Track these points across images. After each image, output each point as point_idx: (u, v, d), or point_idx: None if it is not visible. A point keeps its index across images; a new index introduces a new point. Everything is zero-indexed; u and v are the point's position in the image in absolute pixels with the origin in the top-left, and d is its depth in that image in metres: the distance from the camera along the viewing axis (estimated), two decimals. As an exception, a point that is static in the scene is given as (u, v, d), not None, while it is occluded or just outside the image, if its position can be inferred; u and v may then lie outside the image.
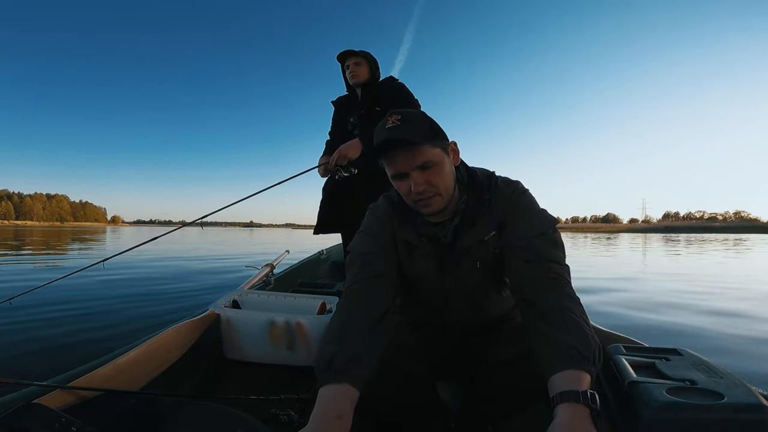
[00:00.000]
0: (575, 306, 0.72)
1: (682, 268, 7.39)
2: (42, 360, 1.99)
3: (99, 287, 4.04)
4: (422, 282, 0.93)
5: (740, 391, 0.61)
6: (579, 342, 0.65)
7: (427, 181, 0.79)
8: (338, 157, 1.81)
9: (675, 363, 0.73)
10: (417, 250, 0.90)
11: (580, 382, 0.60)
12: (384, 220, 0.92)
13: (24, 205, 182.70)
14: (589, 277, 5.64)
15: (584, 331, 0.67)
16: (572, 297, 0.74)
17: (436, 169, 0.80)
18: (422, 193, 0.79)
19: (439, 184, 0.80)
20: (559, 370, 0.63)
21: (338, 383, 0.65)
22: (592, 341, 0.66)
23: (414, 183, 0.79)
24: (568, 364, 0.63)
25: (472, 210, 0.86)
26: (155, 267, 6.23)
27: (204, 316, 1.37)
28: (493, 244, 0.87)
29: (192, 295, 3.91)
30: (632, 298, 3.87)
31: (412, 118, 0.80)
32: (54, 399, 0.76)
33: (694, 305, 3.51)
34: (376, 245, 0.89)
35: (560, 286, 0.76)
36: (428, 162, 0.78)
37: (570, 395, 0.59)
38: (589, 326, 0.70)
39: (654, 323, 2.89)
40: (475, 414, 0.93)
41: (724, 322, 2.87)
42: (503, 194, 0.87)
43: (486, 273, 0.89)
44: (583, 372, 0.62)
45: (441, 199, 0.82)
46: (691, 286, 4.83)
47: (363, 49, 2.03)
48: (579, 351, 0.64)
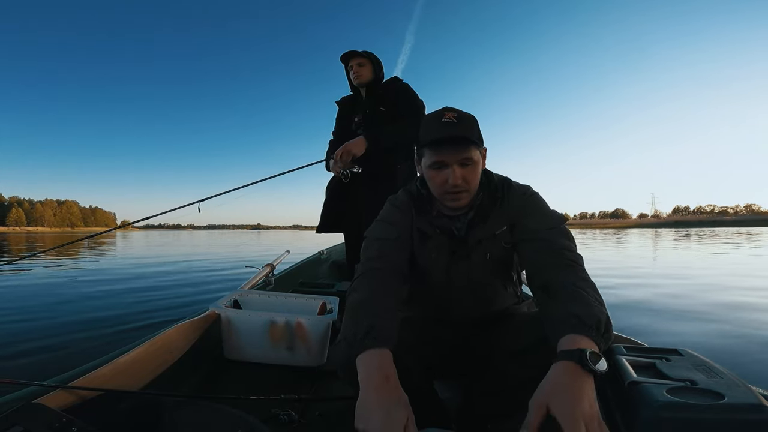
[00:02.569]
0: (587, 286, 0.74)
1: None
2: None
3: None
4: (431, 272, 0.96)
5: (740, 391, 0.61)
6: (581, 311, 0.66)
7: (464, 177, 0.85)
8: (343, 152, 1.81)
9: (675, 363, 0.73)
10: (430, 240, 0.95)
11: (577, 344, 0.62)
12: (402, 210, 0.98)
13: (35, 211, 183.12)
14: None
15: (589, 303, 0.69)
16: (586, 279, 0.77)
17: (473, 168, 0.87)
18: (457, 186, 0.85)
19: (471, 181, 0.87)
20: (559, 338, 0.65)
21: (378, 348, 0.70)
22: (597, 312, 0.67)
23: (453, 176, 0.84)
24: (569, 330, 0.65)
25: (485, 206, 0.92)
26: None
27: (204, 316, 1.37)
28: (505, 239, 0.92)
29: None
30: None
31: (468, 118, 0.87)
32: (54, 399, 0.76)
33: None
34: (394, 233, 0.94)
35: (575, 270, 0.78)
36: (470, 160, 0.85)
37: (561, 354, 0.61)
38: (599, 302, 0.71)
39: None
40: (475, 413, 0.94)
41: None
42: (515, 194, 0.93)
43: (494, 266, 0.93)
44: (582, 337, 0.63)
45: (468, 196, 0.89)
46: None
47: (366, 50, 2.04)
48: (580, 318, 0.65)
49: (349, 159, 1.81)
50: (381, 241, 0.93)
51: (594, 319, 0.65)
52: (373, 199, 1.06)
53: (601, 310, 0.68)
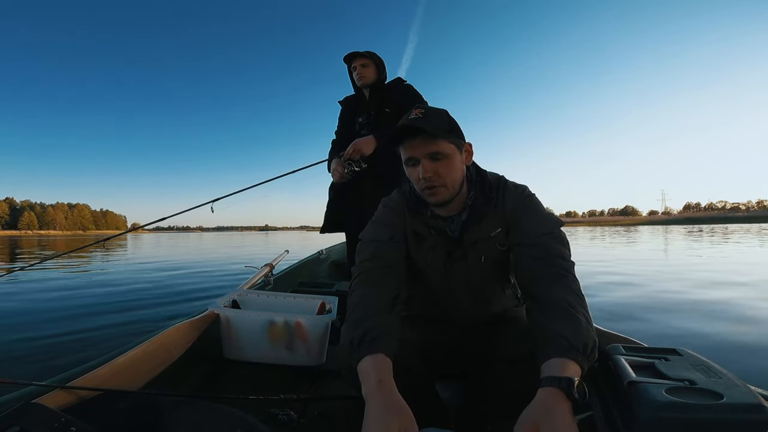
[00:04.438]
0: (578, 302, 0.75)
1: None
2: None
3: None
4: (428, 273, 0.96)
5: (739, 391, 0.61)
6: (570, 332, 0.68)
7: (435, 171, 0.84)
8: (353, 150, 1.82)
9: (674, 363, 0.73)
10: (425, 241, 0.94)
11: (564, 370, 0.63)
12: (396, 211, 0.97)
13: (47, 214, 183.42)
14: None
15: (578, 324, 0.70)
16: (577, 293, 0.77)
17: (446, 161, 0.85)
18: (429, 180, 0.84)
19: (446, 176, 0.85)
20: (548, 358, 0.66)
21: (374, 354, 0.71)
22: (585, 334, 0.68)
23: (423, 169, 0.84)
24: (556, 352, 0.66)
25: (479, 207, 0.90)
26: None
27: (203, 316, 1.37)
28: (500, 241, 0.91)
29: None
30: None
31: (434, 112, 0.86)
32: (53, 399, 0.76)
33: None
34: (387, 234, 0.93)
35: (566, 282, 0.78)
36: (439, 153, 0.84)
37: (549, 380, 0.62)
38: (588, 321, 0.72)
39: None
40: (475, 414, 0.93)
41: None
42: (511, 195, 0.91)
43: (490, 268, 0.93)
44: (569, 360, 0.64)
45: (446, 191, 0.86)
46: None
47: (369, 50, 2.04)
48: (568, 340, 0.66)
49: (357, 157, 1.82)
50: (375, 243, 0.93)
51: (581, 342, 0.67)
52: (377, 199, 1.06)
53: (589, 333, 0.70)
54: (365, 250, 0.93)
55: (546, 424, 0.58)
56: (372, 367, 0.69)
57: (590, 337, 0.69)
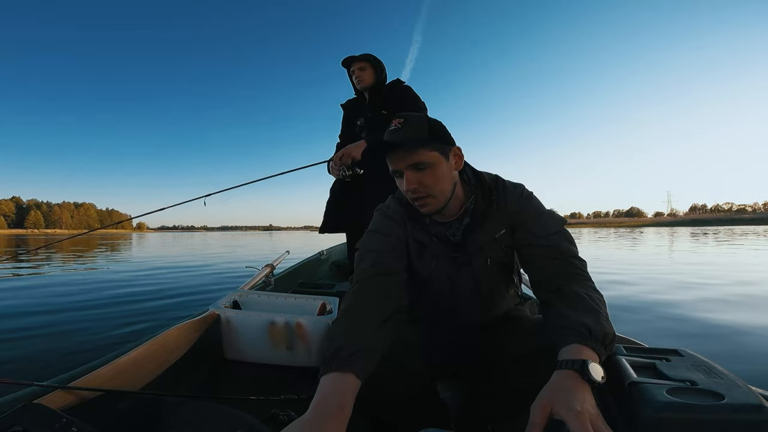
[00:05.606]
0: (599, 298, 0.75)
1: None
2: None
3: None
4: (433, 282, 0.94)
5: (740, 392, 0.61)
6: (592, 322, 0.67)
7: (420, 182, 0.82)
8: (343, 155, 1.82)
9: (675, 363, 0.73)
10: (428, 250, 0.92)
11: (580, 354, 0.63)
12: (396, 219, 0.95)
13: (53, 214, 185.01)
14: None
15: (600, 317, 0.70)
16: (597, 291, 0.77)
17: (430, 171, 0.82)
18: (415, 191, 0.83)
19: (433, 185, 0.83)
20: (565, 345, 0.66)
21: (342, 372, 0.64)
22: (606, 325, 0.68)
23: (406, 181, 0.82)
24: (575, 339, 0.65)
25: (481, 210, 0.89)
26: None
27: (204, 317, 1.37)
28: (505, 242, 0.90)
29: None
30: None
31: (413, 121, 0.82)
32: (54, 399, 0.75)
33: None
34: (387, 244, 0.91)
35: (585, 281, 0.79)
36: (421, 163, 0.81)
37: (564, 363, 0.62)
38: (606, 316, 0.72)
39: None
40: (476, 414, 0.93)
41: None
42: (512, 195, 0.90)
43: (496, 270, 0.92)
44: (586, 347, 0.64)
45: (434, 200, 0.84)
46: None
47: (369, 53, 2.05)
48: (589, 329, 0.66)
49: (348, 161, 1.82)
50: (375, 253, 0.90)
51: (601, 332, 0.67)
52: (376, 200, 1.06)
53: (609, 326, 0.70)
54: (365, 260, 0.89)
55: (559, 401, 0.57)
56: (336, 388, 0.62)
57: (610, 330, 0.69)
